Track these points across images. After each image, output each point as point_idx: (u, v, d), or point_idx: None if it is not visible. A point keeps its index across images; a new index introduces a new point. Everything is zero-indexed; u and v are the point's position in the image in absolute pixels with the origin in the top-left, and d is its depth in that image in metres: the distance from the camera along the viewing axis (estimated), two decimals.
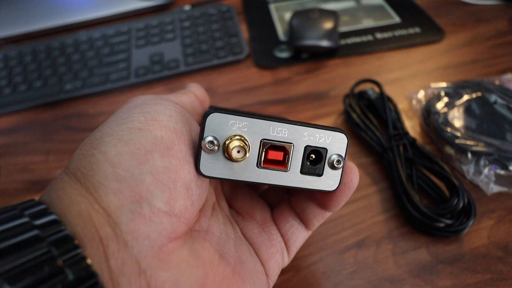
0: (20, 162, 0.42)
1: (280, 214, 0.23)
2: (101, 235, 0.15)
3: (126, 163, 0.16)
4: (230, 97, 0.46)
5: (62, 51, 0.54)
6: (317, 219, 0.22)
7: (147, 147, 0.16)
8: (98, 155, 0.16)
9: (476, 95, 0.36)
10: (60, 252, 0.13)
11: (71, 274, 0.13)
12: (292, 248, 0.22)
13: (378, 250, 0.30)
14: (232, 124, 0.18)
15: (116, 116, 0.18)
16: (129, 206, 0.15)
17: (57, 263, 0.13)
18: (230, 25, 0.55)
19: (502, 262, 0.28)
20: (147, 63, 0.51)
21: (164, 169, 0.16)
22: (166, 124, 0.18)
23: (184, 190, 0.17)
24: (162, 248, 0.16)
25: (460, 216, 0.30)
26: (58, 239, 0.14)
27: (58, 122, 0.46)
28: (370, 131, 0.36)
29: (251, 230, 0.22)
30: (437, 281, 0.28)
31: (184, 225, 0.17)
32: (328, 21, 0.48)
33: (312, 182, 0.19)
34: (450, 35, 0.49)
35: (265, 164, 0.19)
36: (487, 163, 0.32)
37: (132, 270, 0.15)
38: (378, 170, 0.36)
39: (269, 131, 0.18)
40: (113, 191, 0.15)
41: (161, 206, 0.16)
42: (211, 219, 0.21)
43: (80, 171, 0.16)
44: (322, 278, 0.29)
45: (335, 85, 0.45)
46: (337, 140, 0.19)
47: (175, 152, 0.17)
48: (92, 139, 0.17)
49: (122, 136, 0.17)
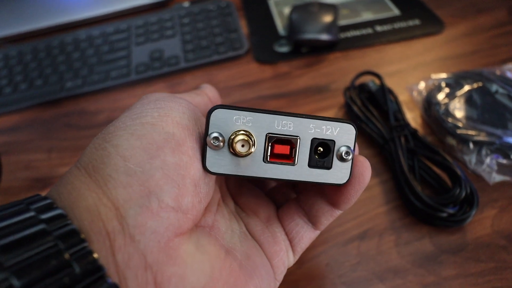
0: (22, 160, 0.42)
1: (286, 212, 0.23)
2: (108, 229, 0.15)
3: (137, 158, 0.16)
4: (231, 92, 0.46)
5: (62, 49, 0.54)
6: (326, 216, 0.21)
7: (159, 142, 0.16)
8: (110, 148, 0.16)
9: (477, 85, 0.36)
10: (67, 246, 0.14)
11: (78, 268, 0.13)
12: (297, 247, 0.22)
13: (381, 241, 0.30)
14: (237, 120, 0.18)
15: (129, 112, 0.18)
16: (138, 200, 0.15)
17: (64, 257, 0.13)
18: (229, 20, 0.55)
19: (506, 250, 0.29)
20: (147, 60, 0.51)
21: (175, 165, 0.16)
22: (178, 121, 0.18)
23: (192, 187, 0.17)
24: (169, 243, 0.16)
25: (463, 206, 0.29)
26: (65, 233, 0.14)
27: (59, 120, 0.46)
28: (371, 123, 0.36)
29: (255, 227, 0.22)
30: (440, 271, 0.28)
31: (190, 221, 0.17)
32: (327, 14, 0.48)
33: (321, 176, 0.19)
34: (450, 26, 0.49)
35: (271, 159, 0.18)
36: (489, 153, 0.32)
37: (139, 264, 0.15)
38: (380, 162, 0.36)
39: (274, 125, 0.18)
40: (123, 184, 0.15)
41: (169, 201, 0.16)
42: (217, 214, 0.21)
43: (92, 164, 0.16)
44: (325, 270, 0.29)
45: (336, 79, 0.45)
46: (345, 132, 0.18)
47: (186, 149, 0.17)
48: (105, 133, 0.17)
49: (135, 130, 0.17)
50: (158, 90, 0.48)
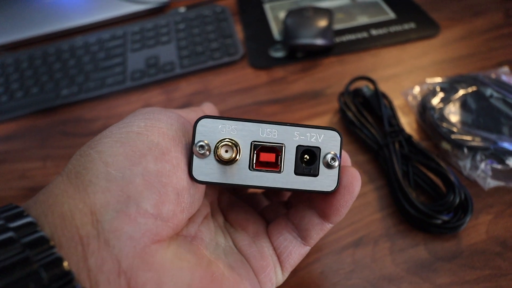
0: (17, 169, 0.42)
1: (275, 228, 0.22)
2: (81, 234, 0.15)
3: (119, 164, 0.16)
4: (226, 98, 0.46)
5: (58, 56, 0.54)
6: (316, 230, 0.21)
7: (142, 150, 0.17)
8: (94, 154, 0.17)
9: (472, 90, 0.36)
10: (35, 253, 0.14)
11: (45, 274, 0.13)
12: (285, 264, 0.21)
13: (376, 249, 0.30)
14: (222, 128, 0.18)
15: (119, 122, 0.19)
16: (115, 205, 0.15)
17: (30, 264, 0.13)
18: (224, 26, 0.55)
19: (501, 257, 0.28)
20: (143, 67, 0.51)
21: (157, 172, 0.16)
22: (165, 131, 0.18)
23: (174, 195, 0.17)
24: (145, 249, 0.15)
25: (457, 212, 0.29)
26: (33, 240, 0.14)
27: (55, 128, 0.46)
28: (365, 129, 0.36)
29: (242, 241, 0.22)
30: (435, 279, 0.28)
31: (170, 230, 0.17)
32: (322, 19, 0.48)
33: (308, 183, 0.19)
34: (445, 29, 0.49)
35: (257, 167, 0.19)
36: (483, 158, 0.32)
37: (112, 269, 0.15)
38: (374, 168, 0.35)
39: (258, 133, 0.18)
40: (102, 189, 0.15)
41: (148, 208, 0.16)
42: (201, 226, 0.21)
43: (75, 170, 0.16)
44: (319, 278, 0.29)
45: (331, 84, 0.45)
46: (330, 138, 0.19)
47: (169, 158, 0.17)
48: (92, 140, 0.18)
49: (120, 138, 0.17)
50: (153, 96, 0.48)
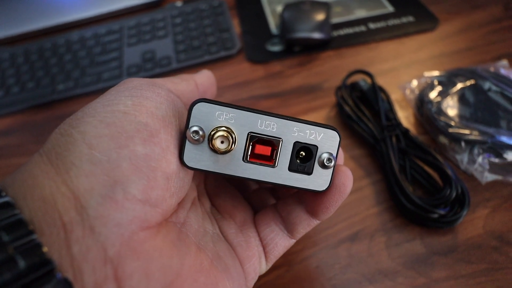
0: (13, 164, 0.42)
1: (263, 218, 0.22)
2: (64, 220, 0.14)
3: (104, 146, 0.15)
4: (223, 92, 0.46)
5: (54, 51, 0.54)
6: (303, 225, 0.21)
7: (129, 132, 0.16)
8: (76, 135, 0.15)
9: (470, 83, 0.36)
10: (12, 238, 0.13)
11: (23, 262, 0.12)
12: (270, 255, 0.21)
13: (372, 243, 0.30)
14: (219, 115, 0.17)
15: (102, 98, 0.17)
16: (100, 190, 0.14)
17: (7, 250, 0.12)
18: (221, 20, 0.54)
19: (497, 251, 0.28)
20: (139, 61, 0.51)
21: (145, 156, 0.15)
22: (153, 111, 0.17)
23: (164, 180, 0.16)
24: (133, 236, 0.15)
25: (454, 206, 0.29)
26: (10, 223, 0.13)
27: (51, 123, 0.46)
28: (362, 123, 0.36)
29: (229, 230, 0.21)
30: (431, 273, 0.28)
31: (159, 215, 0.16)
32: (319, 12, 0.48)
33: (300, 181, 0.18)
34: (444, 23, 0.48)
35: (251, 159, 0.18)
36: (481, 152, 0.31)
37: (97, 257, 0.14)
38: (371, 162, 0.35)
39: (257, 124, 0.18)
40: (86, 173, 0.14)
41: (136, 193, 0.15)
42: (190, 212, 0.20)
43: (55, 151, 0.15)
44: (315, 272, 0.29)
45: (328, 77, 0.45)
46: (329, 138, 0.18)
47: (158, 141, 0.16)
48: (73, 118, 0.16)
49: (105, 118, 0.16)
50: None
